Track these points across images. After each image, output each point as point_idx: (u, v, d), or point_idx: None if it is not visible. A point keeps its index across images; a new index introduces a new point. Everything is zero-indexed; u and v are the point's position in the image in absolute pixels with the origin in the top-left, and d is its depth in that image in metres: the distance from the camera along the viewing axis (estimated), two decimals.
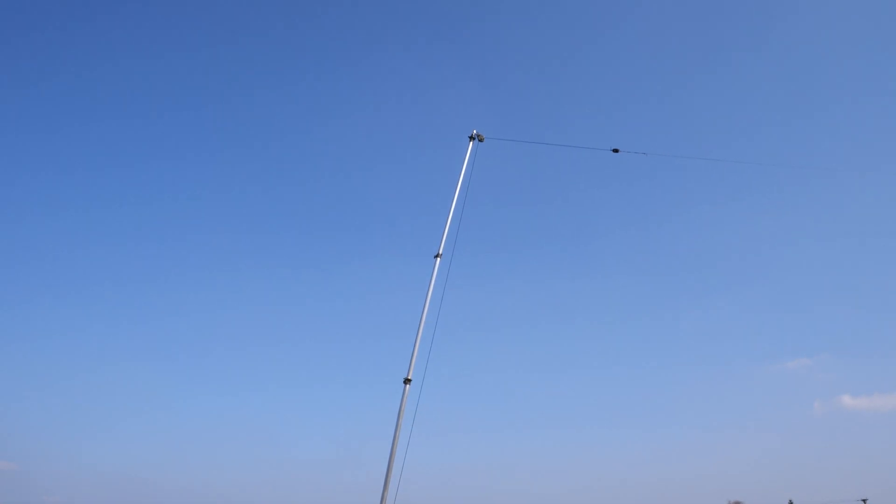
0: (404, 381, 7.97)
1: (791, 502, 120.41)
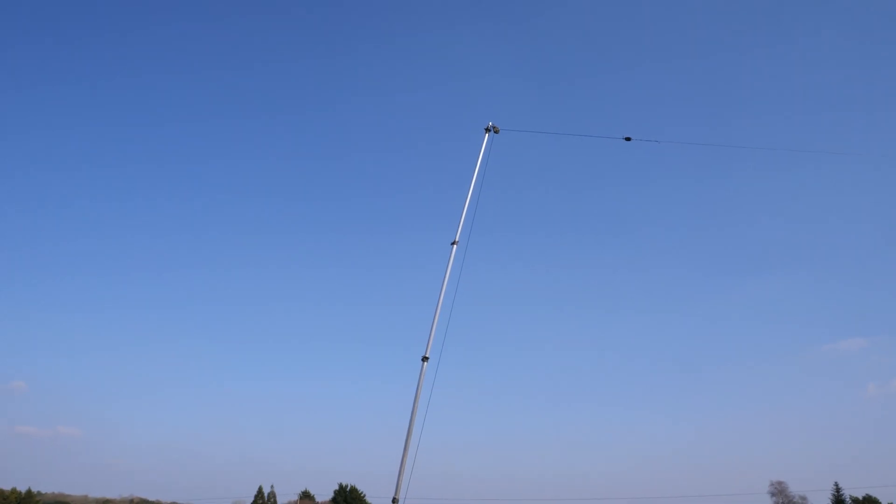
0: (422, 358, 8.27)
1: (837, 484, 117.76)
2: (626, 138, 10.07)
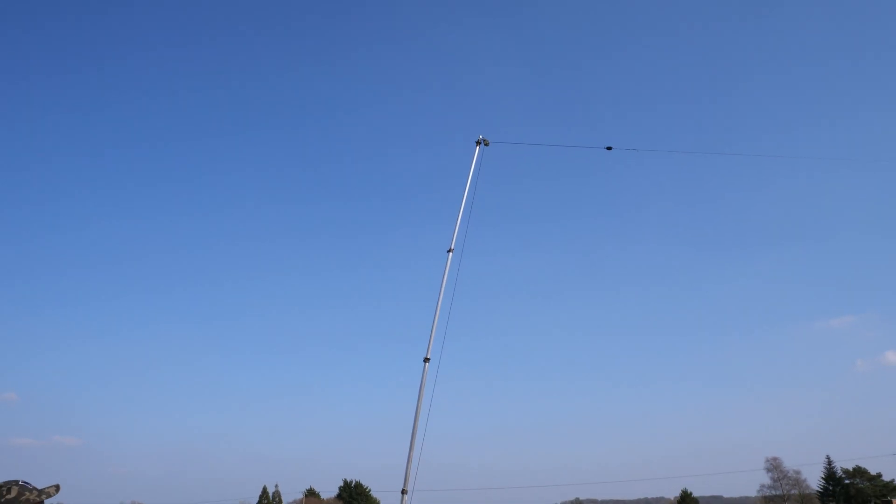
0: (424, 359, 9.03)
1: (828, 457, 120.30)
2: (608, 147, 10.74)
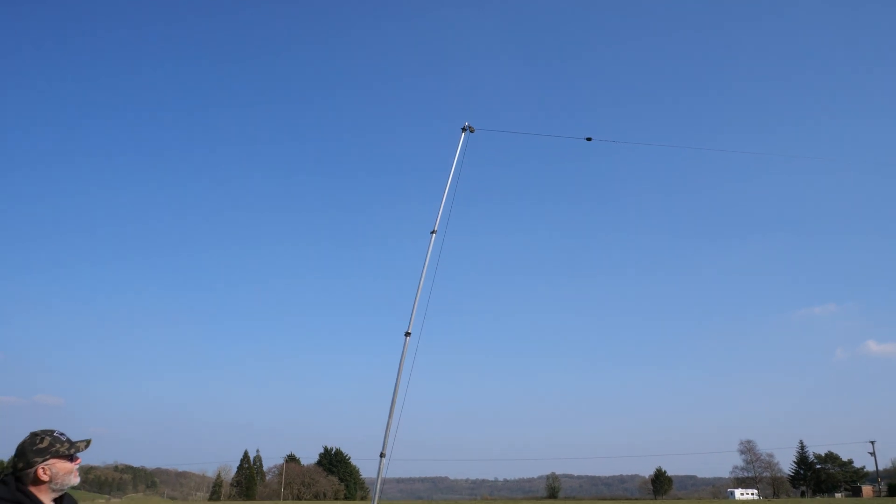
0: (405, 334, 9.51)
1: (802, 442, 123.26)
2: (587, 139, 11.12)
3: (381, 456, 11.02)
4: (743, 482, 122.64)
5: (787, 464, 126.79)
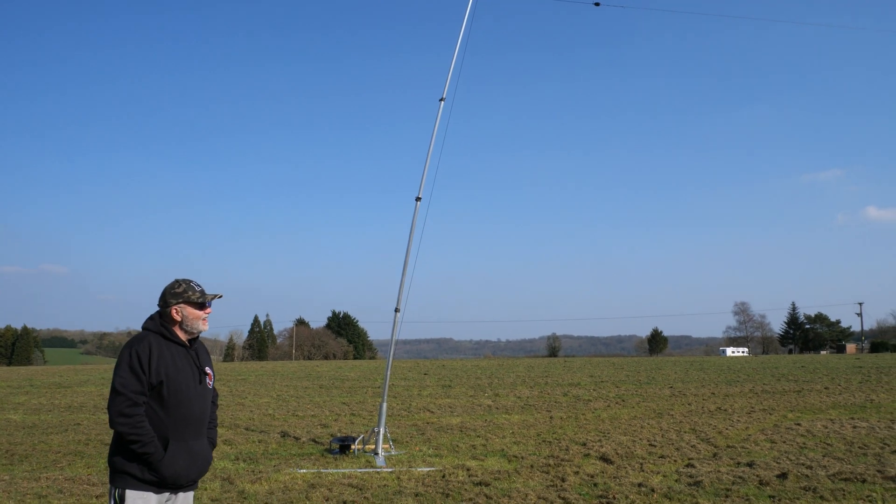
0: (416, 198, 10.08)
1: (793, 304, 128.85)
2: (595, 3, 11.02)
3: (396, 311, 12.02)
4: (735, 341, 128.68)
5: (778, 324, 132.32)
